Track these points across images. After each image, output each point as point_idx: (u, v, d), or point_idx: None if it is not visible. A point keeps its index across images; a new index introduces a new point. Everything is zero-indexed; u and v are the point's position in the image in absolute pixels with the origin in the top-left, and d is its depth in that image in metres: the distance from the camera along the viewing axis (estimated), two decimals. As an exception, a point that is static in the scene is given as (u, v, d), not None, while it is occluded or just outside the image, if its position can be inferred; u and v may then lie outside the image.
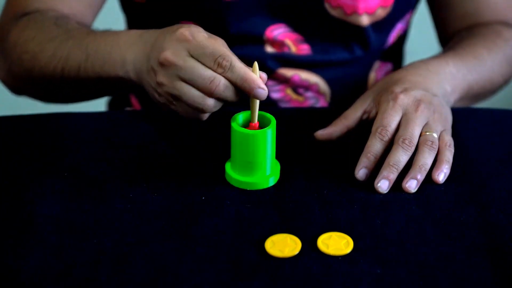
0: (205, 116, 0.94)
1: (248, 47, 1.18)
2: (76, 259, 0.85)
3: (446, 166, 0.96)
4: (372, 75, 1.26)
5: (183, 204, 0.93)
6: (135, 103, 1.30)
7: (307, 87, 1.21)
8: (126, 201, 0.93)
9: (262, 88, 0.91)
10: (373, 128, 0.98)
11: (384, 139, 0.96)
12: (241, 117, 0.95)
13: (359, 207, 0.92)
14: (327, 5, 1.15)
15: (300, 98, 1.22)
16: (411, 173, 0.95)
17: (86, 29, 1.08)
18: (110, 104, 1.39)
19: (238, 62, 0.91)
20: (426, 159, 0.95)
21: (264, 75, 0.93)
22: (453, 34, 1.24)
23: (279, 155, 0.98)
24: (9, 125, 1.08)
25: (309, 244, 0.87)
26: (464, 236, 0.88)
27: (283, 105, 1.22)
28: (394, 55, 1.30)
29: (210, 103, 0.92)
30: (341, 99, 1.24)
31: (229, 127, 0.94)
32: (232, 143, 0.95)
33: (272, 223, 0.90)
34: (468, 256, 0.86)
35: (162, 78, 0.93)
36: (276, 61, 1.19)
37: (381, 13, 1.18)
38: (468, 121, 1.09)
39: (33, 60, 1.08)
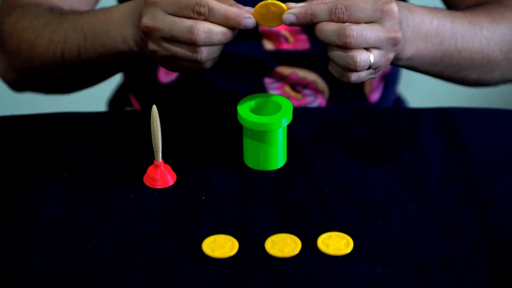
0: (208, 64, 0.91)
1: (246, 43, 1.18)
2: (76, 259, 0.85)
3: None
4: None
5: (183, 204, 0.93)
6: (135, 103, 1.30)
7: (305, 84, 1.21)
8: (126, 201, 0.93)
9: (248, 17, 0.88)
10: None
11: (332, 16, 0.87)
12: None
13: (359, 207, 0.92)
14: None
15: (298, 96, 1.22)
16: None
17: (79, 11, 1.07)
18: (110, 104, 1.39)
19: (215, 3, 0.87)
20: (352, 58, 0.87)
21: (249, 8, 0.89)
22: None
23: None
24: (9, 125, 1.08)
25: (309, 244, 0.87)
26: (464, 236, 0.88)
27: None
28: None
29: (202, 52, 0.89)
30: (340, 96, 1.23)
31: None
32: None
33: (272, 223, 0.90)
34: (468, 256, 0.86)
35: (151, 45, 0.91)
36: (275, 59, 1.19)
37: None
38: (468, 121, 1.08)
39: (31, 48, 1.08)
